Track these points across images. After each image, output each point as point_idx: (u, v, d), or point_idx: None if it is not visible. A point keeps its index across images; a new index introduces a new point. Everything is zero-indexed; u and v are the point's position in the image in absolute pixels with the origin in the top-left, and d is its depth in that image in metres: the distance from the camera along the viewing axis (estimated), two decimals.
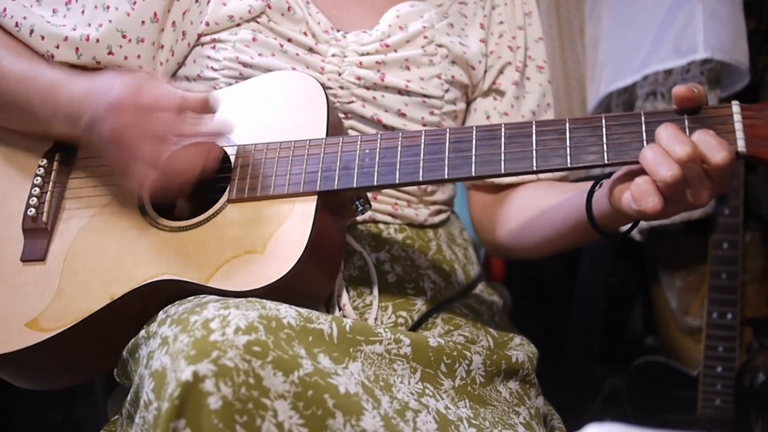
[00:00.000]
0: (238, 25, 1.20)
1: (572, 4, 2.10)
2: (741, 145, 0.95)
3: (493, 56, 1.32)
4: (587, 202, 1.07)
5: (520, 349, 1.18)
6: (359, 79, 1.21)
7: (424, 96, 1.24)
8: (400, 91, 1.23)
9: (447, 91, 1.26)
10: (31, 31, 1.17)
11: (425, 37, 1.25)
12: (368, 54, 1.22)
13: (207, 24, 1.21)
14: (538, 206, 1.22)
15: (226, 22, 1.20)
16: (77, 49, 1.17)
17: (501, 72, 1.32)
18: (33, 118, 1.13)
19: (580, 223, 1.10)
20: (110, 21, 1.18)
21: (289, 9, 1.21)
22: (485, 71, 1.31)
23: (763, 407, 1.81)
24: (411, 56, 1.24)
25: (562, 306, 1.99)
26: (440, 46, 1.26)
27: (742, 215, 1.93)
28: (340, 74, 1.21)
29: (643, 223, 2.03)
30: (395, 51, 1.23)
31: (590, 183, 1.09)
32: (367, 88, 1.22)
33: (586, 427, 0.72)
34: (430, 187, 1.28)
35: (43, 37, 1.17)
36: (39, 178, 1.16)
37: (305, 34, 1.22)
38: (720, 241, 1.94)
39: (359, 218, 1.21)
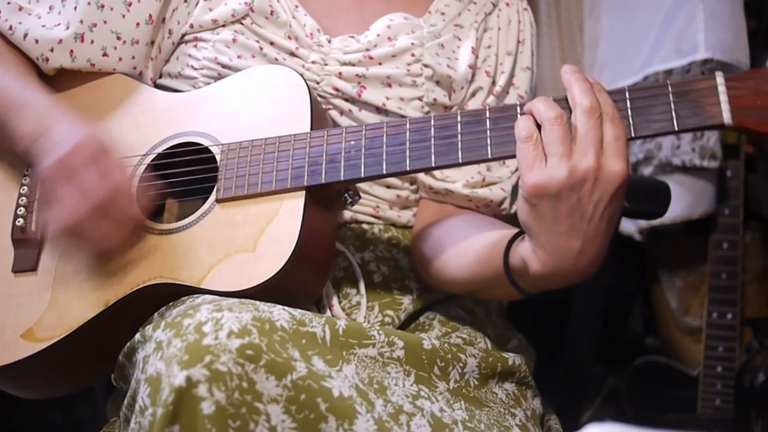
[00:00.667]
0: (223, 26, 1.20)
1: (572, 4, 2.10)
2: (727, 116, 0.93)
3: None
4: (506, 252, 1.02)
5: (518, 351, 1.17)
6: (337, 90, 1.20)
7: (402, 117, 1.21)
8: (378, 109, 1.21)
9: (427, 113, 1.23)
10: (25, 35, 1.17)
11: (412, 55, 1.22)
12: (350, 64, 1.20)
13: (191, 26, 1.21)
14: (462, 237, 1.15)
15: (209, 25, 1.20)
16: (71, 51, 1.17)
17: (473, 95, 1.28)
18: (4, 132, 1.12)
19: (500, 275, 1.03)
20: (105, 22, 1.17)
21: (272, 13, 1.20)
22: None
23: (763, 407, 1.81)
24: (394, 74, 1.21)
25: (562, 306, 1.98)
26: (426, 66, 1.23)
27: (742, 215, 1.93)
28: (318, 83, 1.20)
29: (643, 223, 2.03)
30: (379, 64, 1.21)
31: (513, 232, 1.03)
32: (345, 100, 1.21)
33: (586, 427, 0.72)
34: (412, 196, 1.26)
35: (37, 41, 1.17)
36: (25, 188, 1.15)
37: (289, 37, 1.20)
38: (720, 241, 1.94)
39: (341, 220, 1.21)
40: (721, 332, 1.93)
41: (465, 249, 1.12)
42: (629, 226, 2.04)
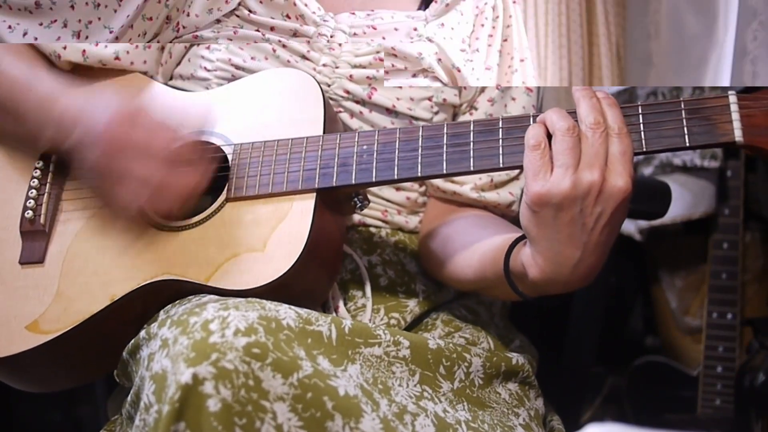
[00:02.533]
0: (219, 21, 1.20)
1: (572, 4, 2.10)
2: (738, 135, 0.95)
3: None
4: (506, 256, 1.03)
5: (521, 351, 1.18)
6: (348, 92, 1.20)
7: (412, 117, 1.22)
8: (388, 110, 1.21)
9: (436, 113, 1.23)
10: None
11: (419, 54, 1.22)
12: (361, 66, 1.21)
13: (188, 14, 1.20)
14: (469, 237, 1.16)
15: (205, 15, 1.19)
16: (84, 51, 1.18)
17: (482, 91, 1.28)
18: (23, 126, 1.12)
19: (502, 278, 1.04)
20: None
21: None
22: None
23: (763, 407, 1.81)
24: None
25: (562, 306, 1.99)
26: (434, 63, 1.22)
27: (742, 215, 1.94)
28: (329, 86, 1.20)
29: (643, 223, 2.03)
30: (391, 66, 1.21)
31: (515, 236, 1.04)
32: (356, 102, 1.21)
33: (586, 427, 0.72)
34: (421, 198, 1.27)
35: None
36: (35, 180, 1.15)
37: (288, 16, 1.20)
38: (720, 241, 1.94)
39: (349, 222, 1.21)
40: (721, 332, 1.93)
41: (471, 251, 1.13)
42: (629, 226, 2.04)
